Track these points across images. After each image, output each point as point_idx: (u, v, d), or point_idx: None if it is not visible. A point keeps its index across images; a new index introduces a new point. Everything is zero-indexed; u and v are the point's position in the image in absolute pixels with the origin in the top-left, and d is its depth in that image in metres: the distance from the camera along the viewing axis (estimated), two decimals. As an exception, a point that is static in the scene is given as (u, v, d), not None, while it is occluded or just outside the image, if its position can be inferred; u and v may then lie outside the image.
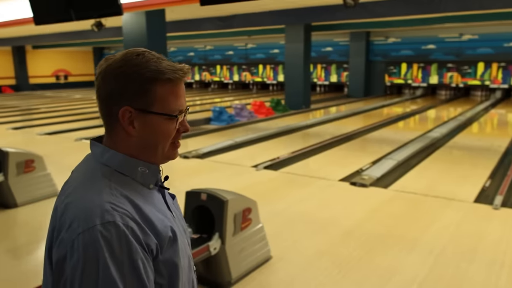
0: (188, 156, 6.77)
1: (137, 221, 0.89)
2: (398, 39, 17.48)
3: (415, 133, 8.80)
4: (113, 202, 0.89)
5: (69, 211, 0.89)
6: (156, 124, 0.97)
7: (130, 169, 0.98)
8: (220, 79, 22.98)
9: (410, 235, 3.67)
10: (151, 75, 0.95)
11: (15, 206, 4.58)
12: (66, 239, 0.86)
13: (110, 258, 0.83)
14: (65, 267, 0.85)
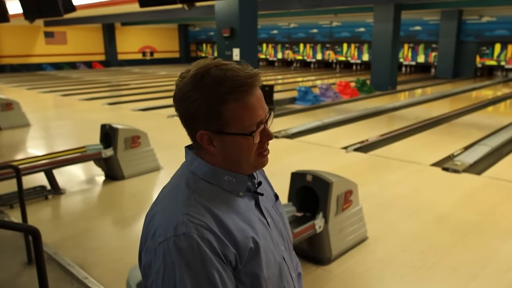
0: (278, 136, 7.18)
1: (214, 232, 0.91)
2: (493, 18, 16.38)
3: (508, 119, 8.49)
4: (191, 213, 0.92)
5: (155, 220, 0.96)
6: (235, 142, 0.97)
7: (216, 178, 0.99)
8: (303, 57, 23.08)
9: (505, 223, 3.79)
10: (218, 97, 0.93)
11: (123, 179, 5.04)
12: (150, 247, 0.93)
13: (185, 268, 0.87)
14: (151, 271, 0.93)
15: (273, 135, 1.03)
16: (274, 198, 1.15)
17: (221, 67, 0.95)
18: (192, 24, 28.11)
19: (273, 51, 24.19)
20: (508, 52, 16.41)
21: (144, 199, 4.65)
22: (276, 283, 1.00)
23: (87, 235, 3.71)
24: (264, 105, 0.99)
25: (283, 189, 4.60)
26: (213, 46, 27.32)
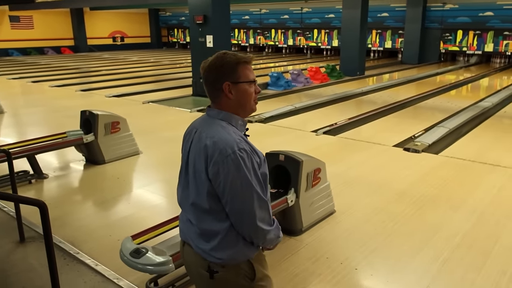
0: (252, 120, 7.47)
1: (251, 149, 1.59)
2: (455, 5, 17.08)
3: (467, 102, 9.06)
4: (239, 138, 1.58)
5: (218, 145, 1.55)
6: (243, 89, 1.65)
7: (235, 121, 1.67)
8: (275, 43, 23.33)
9: (457, 197, 4.24)
10: (235, 61, 1.63)
11: (104, 163, 5.25)
12: (218, 160, 1.54)
13: (245, 168, 1.53)
14: (219, 176, 1.54)
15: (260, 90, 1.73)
16: None
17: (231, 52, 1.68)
18: (163, 9, 27.82)
19: (245, 36, 24.32)
20: (469, 38, 17.16)
21: (125, 182, 4.87)
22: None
23: (74, 216, 3.93)
24: (254, 74, 1.70)
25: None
26: (185, 32, 27.24)
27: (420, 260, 3.11)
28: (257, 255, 1.70)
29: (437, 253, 3.19)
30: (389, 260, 3.13)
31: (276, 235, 1.69)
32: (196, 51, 10.06)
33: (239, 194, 1.55)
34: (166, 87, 11.62)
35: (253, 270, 1.67)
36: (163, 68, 16.64)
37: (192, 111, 8.42)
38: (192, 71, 10.43)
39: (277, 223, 1.71)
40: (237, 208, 1.56)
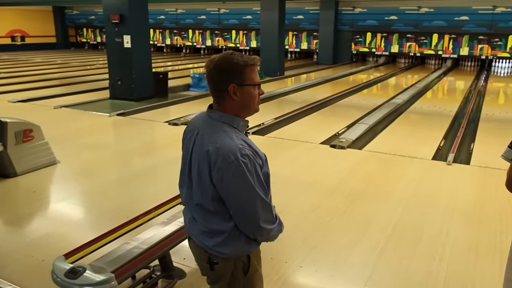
0: (178, 123, 7.29)
1: (253, 152, 1.59)
2: (364, 9, 18.25)
3: (381, 99, 9.68)
4: (241, 143, 1.57)
5: (221, 151, 1.55)
6: (248, 91, 1.64)
7: (236, 123, 1.66)
8: (193, 43, 23.06)
9: (383, 189, 4.49)
10: (243, 63, 1.61)
11: (15, 176, 4.74)
12: (221, 166, 1.55)
13: (248, 173, 1.55)
14: (223, 182, 1.56)
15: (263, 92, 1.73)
16: None
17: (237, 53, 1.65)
18: (69, 7, 26.16)
19: (161, 36, 23.75)
20: (377, 40, 18.44)
21: (43, 195, 4.45)
22: None
23: (-12, 236, 3.51)
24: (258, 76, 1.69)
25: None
26: (95, 31, 25.90)
27: (359, 252, 3.23)
28: (256, 250, 1.78)
29: (373, 244, 3.34)
30: (331, 255, 3.21)
31: (278, 230, 1.75)
32: (113, 52, 9.60)
33: (243, 199, 1.59)
34: (79, 90, 10.89)
35: (249, 264, 1.75)
36: (73, 70, 15.62)
37: (111, 115, 8.00)
38: (109, 73, 9.90)
39: (279, 220, 1.75)
40: (241, 212, 1.62)
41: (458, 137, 6.44)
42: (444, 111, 8.65)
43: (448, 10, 16.69)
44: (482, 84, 12.90)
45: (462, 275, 2.93)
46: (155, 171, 5.28)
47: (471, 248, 3.27)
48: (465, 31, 16.75)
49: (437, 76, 14.64)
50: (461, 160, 5.44)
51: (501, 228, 3.58)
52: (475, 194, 4.33)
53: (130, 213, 3.83)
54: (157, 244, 2.66)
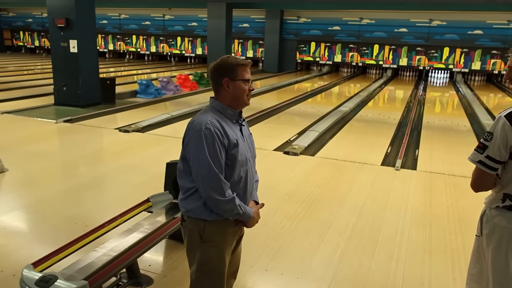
0: (129, 130, 7.12)
1: (220, 130, 1.91)
2: (308, 19, 18.85)
3: (327, 108, 10.02)
4: (211, 120, 1.92)
5: (194, 122, 1.94)
6: (239, 86, 1.99)
7: (224, 110, 2.01)
8: (137, 49, 22.57)
9: (338, 193, 4.66)
10: (235, 63, 1.98)
11: None
12: (190, 133, 1.93)
13: (205, 143, 1.88)
14: (189, 145, 1.92)
15: (253, 88, 2.05)
16: (249, 132, 2.19)
17: (232, 56, 2.06)
18: (4, 9, 24.69)
19: (104, 42, 23.04)
20: (321, 49, 19.07)
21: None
22: (243, 165, 2.00)
23: None
24: (250, 75, 2.04)
25: (147, 182, 4.70)
26: (33, 35, 24.64)
27: (321, 254, 3.34)
28: (216, 222, 1.98)
29: (334, 246, 3.47)
30: (295, 257, 3.29)
31: (230, 208, 1.94)
32: (58, 57, 9.22)
33: (196, 162, 1.91)
34: (19, 96, 10.31)
35: (204, 231, 1.99)
36: (10, 75, 14.76)
37: (58, 121, 7.65)
38: (54, 78, 9.46)
39: (232, 198, 1.94)
40: (195, 173, 1.93)
41: (403, 144, 6.82)
42: (388, 119, 9.13)
43: (388, 22, 17.66)
44: (421, 94, 13.73)
45: (418, 273, 3.12)
46: (108, 178, 5.12)
47: (424, 248, 3.48)
48: (404, 42, 17.79)
49: (379, 86, 15.40)
50: (408, 165, 5.75)
51: (449, 229, 3.85)
52: (423, 197, 4.62)
53: (87, 222, 3.72)
54: (126, 251, 2.61)
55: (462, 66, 17.41)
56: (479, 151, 1.88)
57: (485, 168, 1.88)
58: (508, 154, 1.85)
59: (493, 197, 1.97)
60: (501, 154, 1.84)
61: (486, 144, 1.86)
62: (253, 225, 2.12)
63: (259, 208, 2.18)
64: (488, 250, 1.98)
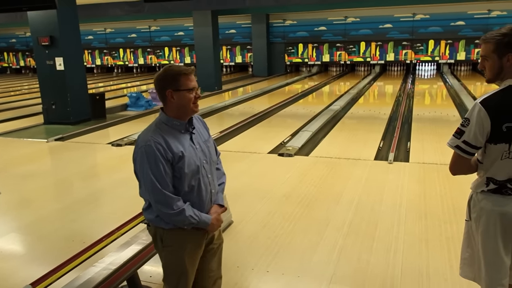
0: (121, 144, 7.12)
1: (162, 146, 1.93)
2: (294, 21, 18.99)
3: (318, 107, 10.08)
4: (153, 136, 1.94)
5: (138, 139, 2.01)
6: (183, 96, 1.97)
7: (170, 122, 2.01)
8: (124, 62, 22.59)
9: (334, 191, 4.70)
10: (177, 73, 1.97)
11: None
12: (135, 150, 1.99)
13: (147, 160, 1.93)
14: (136, 162, 1.99)
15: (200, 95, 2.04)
16: (207, 136, 2.17)
17: (175, 64, 2.05)
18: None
19: (90, 57, 23.04)
20: (309, 50, 19.20)
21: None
22: (193, 175, 2.01)
23: None
24: (195, 82, 2.01)
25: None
26: (18, 55, 24.61)
27: (321, 252, 3.37)
28: (174, 231, 2.04)
29: (333, 243, 3.50)
30: (295, 257, 3.32)
31: (181, 219, 1.99)
32: (44, 75, 9.21)
33: (142, 179, 1.98)
34: (8, 117, 10.25)
35: (163, 236, 2.07)
36: (-2, 97, 14.71)
37: (49, 140, 7.64)
38: (42, 97, 9.45)
39: (181, 210, 1.97)
40: (143, 188, 2.01)
41: (395, 137, 6.89)
42: (379, 115, 9.21)
43: (372, 19, 17.85)
44: (410, 87, 13.87)
45: (416, 263, 3.16)
46: (104, 193, 5.13)
47: (421, 239, 3.53)
48: (390, 38, 17.99)
49: (368, 82, 15.53)
50: (401, 158, 5.82)
51: (444, 218, 3.89)
52: (417, 189, 4.67)
53: (85, 238, 3.72)
54: (126, 264, 2.63)
55: (448, 57, 17.60)
56: (457, 136, 1.93)
57: (461, 153, 1.93)
58: (484, 140, 1.89)
59: (478, 182, 2.02)
60: (477, 139, 1.88)
61: (463, 129, 1.91)
62: (215, 230, 2.15)
63: (221, 212, 2.16)
64: (477, 234, 2.03)
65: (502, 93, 1.88)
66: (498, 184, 1.94)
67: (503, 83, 1.92)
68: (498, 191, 1.95)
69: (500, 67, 1.90)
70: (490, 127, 1.85)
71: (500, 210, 1.95)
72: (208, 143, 2.15)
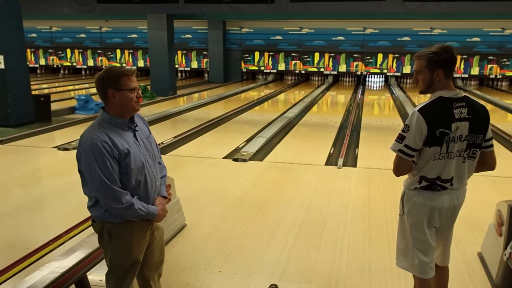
0: (69, 148, 6.86)
1: (108, 144, 2.02)
2: (251, 29, 19.26)
3: (273, 115, 10.31)
4: (98, 135, 2.03)
5: (82, 139, 2.07)
6: (125, 95, 2.09)
7: (113, 121, 2.11)
8: (72, 64, 21.87)
9: (286, 194, 4.87)
10: (119, 73, 2.09)
11: None
12: (79, 150, 2.06)
13: (94, 157, 2.00)
14: (81, 161, 2.06)
15: (141, 96, 2.17)
16: (148, 133, 2.31)
17: (117, 66, 2.21)
18: None
19: (33, 56, 22.03)
20: (265, 58, 19.56)
21: None
22: (139, 170, 2.13)
23: None
24: (136, 83, 2.15)
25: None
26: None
27: (272, 252, 3.51)
28: (122, 224, 2.14)
29: (283, 243, 3.66)
30: (247, 257, 3.44)
31: (130, 212, 2.10)
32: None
33: (90, 177, 2.04)
34: None
35: (112, 230, 2.15)
36: None
37: (-5, 142, 7.33)
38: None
39: (130, 204, 2.08)
40: (91, 185, 2.08)
41: (344, 144, 7.21)
42: (330, 122, 9.57)
43: (326, 31, 18.48)
44: (360, 97, 14.46)
45: (360, 259, 3.38)
46: (48, 199, 4.99)
47: (365, 237, 3.76)
48: (342, 50, 18.70)
49: (321, 91, 16.03)
50: (349, 164, 6.12)
51: (386, 218, 4.16)
52: (363, 191, 4.94)
53: (29, 244, 3.61)
54: (74, 267, 2.60)
55: (395, 70, 18.53)
56: (399, 141, 2.17)
57: (404, 156, 2.16)
58: (422, 143, 2.14)
59: (411, 180, 2.26)
60: (416, 143, 2.13)
61: (404, 135, 2.15)
62: (161, 220, 2.31)
63: (165, 202, 2.34)
64: (409, 226, 2.28)
65: (435, 103, 2.14)
66: (429, 181, 2.19)
67: (434, 94, 2.18)
68: (429, 187, 2.21)
69: (431, 80, 2.17)
70: (427, 131, 2.09)
71: (430, 204, 2.22)
72: (149, 139, 2.29)
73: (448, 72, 2.14)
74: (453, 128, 2.10)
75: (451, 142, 2.12)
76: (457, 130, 2.11)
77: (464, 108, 2.14)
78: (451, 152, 2.14)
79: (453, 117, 2.10)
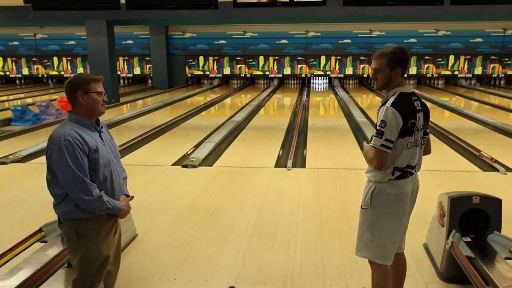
0: (6, 162, 6.41)
1: (79, 140, 2.18)
2: (194, 34, 19.15)
3: (221, 119, 10.30)
4: (69, 132, 2.19)
5: (53, 136, 2.21)
6: (92, 97, 2.28)
7: (81, 121, 2.29)
8: (5, 73, 20.66)
9: (238, 198, 4.88)
10: (88, 78, 2.29)
11: None
12: (51, 146, 2.19)
13: (66, 152, 2.15)
14: (52, 158, 2.19)
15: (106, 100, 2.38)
16: (110, 137, 2.47)
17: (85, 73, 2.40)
18: None
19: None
20: (210, 63, 19.54)
21: None
22: (106, 167, 2.29)
23: None
24: (103, 88, 2.34)
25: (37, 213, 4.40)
26: None
27: (226, 256, 3.51)
28: (90, 219, 2.27)
29: (237, 246, 3.66)
30: (202, 263, 3.41)
31: (99, 205, 2.23)
32: None
33: (62, 171, 2.16)
34: None
35: (80, 228, 2.26)
36: None
37: None
38: None
39: (100, 196, 2.23)
40: (62, 180, 2.19)
41: (293, 146, 7.34)
42: (278, 125, 9.71)
43: (269, 34, 18.78)
44: (305, 99, 14.79)
45: (313, 257, 3.45)
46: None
47: (317, 235, 3.85)
48: (286, 53, 19.10)
49: (268, 94, 16.24)
50: (298, 165, 6.24)
51: (336, 215, 4.29)
52: (313, 191, 5.05)
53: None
54: (19, 286, 2.47)
55: (338, 72, 19.16)
56: (379, 136, 2.31)
57: (385, 149, 2.30)
58: (397, 135, 2.30)
59: (384, 173, 2.38)
60: (394, 135, 2.29)
61: (382, 130, 2.29)
62: (125, 216, 2.46)
63: (129, 200, 2.52)
64: (380, 217, 2.40)
65: (401, 98, 2.34)
66: (401, 171, 2.37)
67: (392, 91, 2.38)
68: (402, 176, 2.38)
69: (389, 78, 2.37)
70: (402, 123, 2.28)
71: (402, 192, 2.38)
72: (112, 141, 2.48)
73: (404, 71, 2.38)
74: (417, 118, 2.35)
75: (415, 131, 2.35)
76: (419, 120, 2.36)
77: (418, 101, 2.41)
78: (416, 141, 2.38)
79: (415, 109, 2.36)
